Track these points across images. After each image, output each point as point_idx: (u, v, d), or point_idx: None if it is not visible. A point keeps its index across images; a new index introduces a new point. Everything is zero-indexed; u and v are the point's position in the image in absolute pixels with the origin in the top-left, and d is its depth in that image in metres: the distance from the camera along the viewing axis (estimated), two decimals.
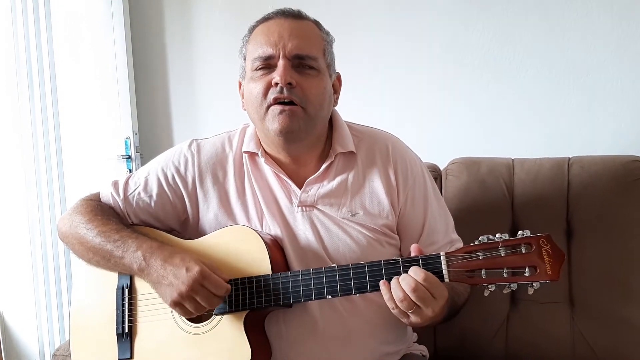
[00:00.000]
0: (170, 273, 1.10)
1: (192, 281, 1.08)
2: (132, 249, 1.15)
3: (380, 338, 1.23)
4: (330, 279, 1.08)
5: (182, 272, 1.09)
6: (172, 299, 1.10)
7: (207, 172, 1.26)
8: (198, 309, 1.11)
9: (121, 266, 1.18)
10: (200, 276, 1.08)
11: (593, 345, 1.44)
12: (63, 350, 1.48)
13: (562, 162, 1.54)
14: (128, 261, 1.15)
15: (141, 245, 1.15)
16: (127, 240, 1.17)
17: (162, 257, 1.13)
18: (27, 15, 2.00)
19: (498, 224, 1.50)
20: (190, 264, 1.09)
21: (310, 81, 1.16)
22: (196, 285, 1.08)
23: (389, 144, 1.26)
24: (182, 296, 1.09)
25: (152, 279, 1.13)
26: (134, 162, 2.16)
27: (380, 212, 1.21)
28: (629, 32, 1.70)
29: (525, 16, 1.80)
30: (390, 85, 1.96)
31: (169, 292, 1.10)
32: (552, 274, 0.95)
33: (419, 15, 1.91)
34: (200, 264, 1.10)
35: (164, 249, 1.15)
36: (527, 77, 1.81)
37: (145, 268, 1.13)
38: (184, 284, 1.08)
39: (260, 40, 1.17)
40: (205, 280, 1.08)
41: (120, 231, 1.19)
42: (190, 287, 1.08)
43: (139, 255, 1.14)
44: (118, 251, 1.17)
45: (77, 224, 1.23)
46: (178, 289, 1.09)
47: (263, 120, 1.17)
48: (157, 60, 2.24)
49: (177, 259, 1.11)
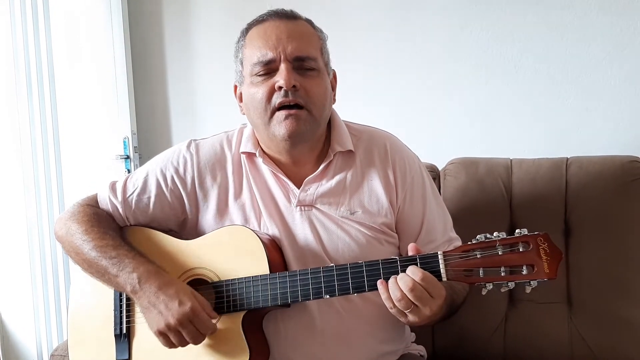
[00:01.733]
0: (162, 303, 1.09)
1: (182, 316, 1.07)
2: (128, 270, 1.14)
3: (379, 337, 1.23)
4: (328, 278, 1.08)
5: (174, 304, 1.08)
6: (158, 327, 1.10)
7: (206, 173, 1.25)
8: (181, 343, 1.10)
9: (115, 284, 1.17)
10: (191, 312, 1.08)
11: (591, 345, 1.44)
12: (61, 351, 1.47)
13: (560, 162, 1.54)
14: (122, 280, 1.14)
15: (138, 267, 1.14)
16: (124, 259, 1.15)
17: (157, 284, 1.11)
18: (25, 16, 2.00)
19: (496, 224, 1.50)
20: (184, 298, 1.09)
21: (312, 82, 1.16)
22: (185, 320, 1.08)
23: (387, 143, 1.26)
24: (169, 328, 1.09)
25: (143, 304, 1.12)
26: (132, 162, 2.16)
27: (379, 210, 1.21)
28: (627, 32, 1.71)
29: (523, 16, 1.80)
30: (388, 85, 1.96)
31: (156, 321, 1.10)
32: (550, 272, 0.96)
33: (417, 14, 1.91)
34: (193, 300, 1.09)
35: (160, 275, 1.14)
36: (525, 77, 1.82)
37: (138, 291, 1.12)
38: (173, 317, 1.08)
39: (259, 44, 1.16)
40: (195, 318, 1.08)
41: (118, 248, 1.17)
42: (179, 321, 1.08)
43: (134, 277, 1.13)
44: (113, 269, 1.15)
45: (74, 232, 1.22)
46: (166, 320, 1.08)
47: (268, 126, 1.16)
48: (156, 60, 2.24)
49: (172, 289, 1.11)
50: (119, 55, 2.14)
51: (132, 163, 2.16)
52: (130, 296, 1.16)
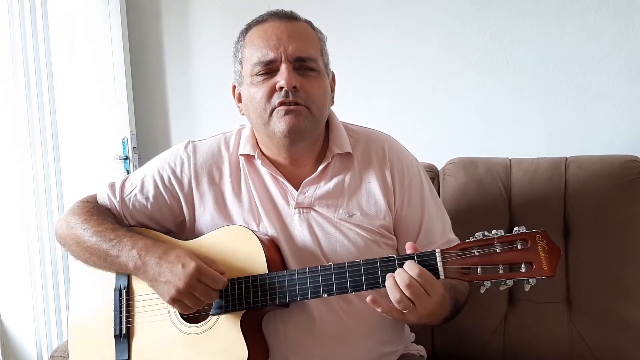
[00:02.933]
0: (167, 270, 1.10)
1: (189, 277, 1.08)
2: (127, 248, 1.15)
3: (378, 338, 1.23)
4: (326, 277, 1.08)
5: (178, 268, 1.09)
6: (170, 296, 1.10)
7: (203, 174, 1.26)
8: (197, 304, 1.11)
9: (117, 265, 1.18)
10: (196, 271, 1.08)
11: (590, 345, 1.43)
12: (61, 352, 1.47)
13: (559, 162, 1.54)
14: (124, 260, 1.15)
15: (136, 243, 1.15)
16: (122, 239, 1.17)
17: (157, 254, 1.13)
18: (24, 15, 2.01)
19: (495, 223, 1.48)
20: (186, 260, 1.10)
21: (312, 83, 1.16)
22: (193, 280, 1.08)
23: (385, 145, 1.26)
24: (180, 292, 1.09)
25: (149, 277, 1.13)
26: (131, 163, 2.16)
27: (377, 212, 1.21)
28: (626, 32, 1.71)
29: (522, 16, 1.80)
30: (387, 85, 1.96)
31: (166, 290, 1.10)
32: (549, 269, 0.95)
33: (416, 14, 1.91)
34: (196, 259, 1.10)
35: (159, 246, 1.15)
36: (524, 77, 1.82)
37: (141, 266, 1.13)
38: (181, 281, 1.08)
39: (259, 44, 1.16)
40: (202, 275, 1.09)
41: (116, 230, 1.19)
42: (188, 283, 1.08)
43: (134, 254, 1.14)
44: (114, 250, 1.17)
45: (74, 224, 1.23)
46: (175, 286, 1.08)
47: (267, 124, 1.16)
48: (155, 60, 2.25)
49: (172, 255, 1.11)
50: (117, 55, 2.15)
51: (131, 163, 2.16)
52: (135, 273, 1.17)
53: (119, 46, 2.14)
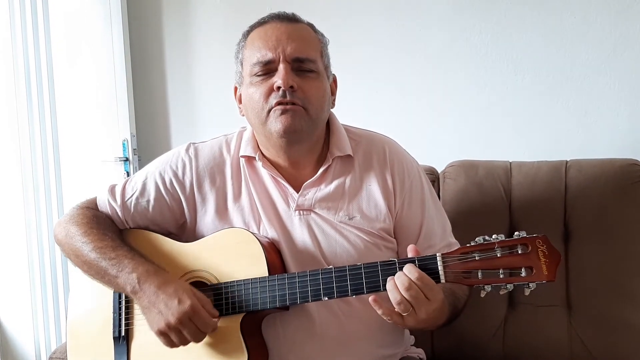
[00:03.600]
0: (162, 302, 1.09)
1: (182, 314, 1.07)
2: (128, 270, 1.14)
3: (378, 341, 1.22)
4: (326, 280, 1.08)
5: (174, 303, 1.08)
6: (158, 327, 1.09)
7: (205, 176, 1.25)
8: (182, 342, 1.10)
9: (114, 285, 1.17)
10: (191, 310, 1.07)
11: (590, 348, 1.43)
12: (59, 354, 1.47)
13: (559, 165, 1.54)
14: (122, 281, 1.14)
15: (137, 267, 1.14)
16: (123, 260, 1.15)
17: (157, 283, 1.11)
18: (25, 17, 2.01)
19: (496, 227, 1.49)
20: (183, 296, 1.08)
21: (311, 84, 1.16)
22: (185, 319, 1.07)
23: (385, 147, 1.26)
24: (169, 327, 1.08)
25: (143, 304, 1.12)
26: (131, 165, 2.16)
27: (377, 215, 1.21)
28: (627, 36, 1.71)
29: (522, 19, 1.80)
30: (387, 88, 1.96)
31: (156, 320, 1.09)
32: (549, 274, 0.95)
33: (417, 18, 1.91)
34: (193, 298, 1.09)
35: (160, 275, 1.14)
36: (524, 80, 1.82)
37: (138, 291, 1.12)
38: (173, 316, 1.07)
39: (259, 45, 1.17)
40: (195, 316, 1.08)
41: (117, 249, 1.18)
42: (179, 320, 1.07)
43: (134, 278, 1.13)
44: (113, 270, 1.15)
45: (73, 234, 1.22)
46: (166, 319, 1.08)
47: (265, 124, 1.16)
48: (155, 62, 2.25)
49: (170, 288, 1.10)
50: (118, 57, 2.15)
51: (132, 165, 2.16)
52: (131, 296, 1.16)
53: (120, 48, 2.14)
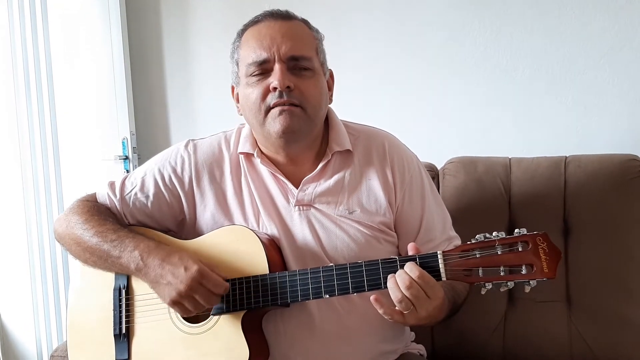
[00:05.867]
0: (169, 272, 1.10)
1: (190, 280, 1.08)
2: (130, 249, 1.15)
3: (378, 336, 1.23)
4: (327, 278, 1.08)
5: (180, 271, 1.09)
6: (170, 298, 1.10)
7: (204, 172, 1.25)
8: (197, 308, 1.11)
9: (118, 266, 1.17)
10: (199, 275, 1.08)
11: (590, 344, 1.44)
12: (61, 352, 1.47)
13: (559, 161, 1.54)
14: (125, 261, 1.15)
15: (138, 244, 1.15)
16: (124, 240, 1.17)
17: (160, 256, 1.12)
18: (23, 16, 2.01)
19: (495, 223, 1.50)
20: (188, 263, 1.09)
21: (308, 82, 1.16)
22: (195, 284, 1.08)
23: (385, 142, 1.26)
24: (181, 295, 1.09)
25: (150, 279, 1.13)
26: (131, 163, 2.16)
27: (377, 209, 1.21)
28: (625, 31, 1.71)
29: (522, 15, 1.80)
30: (387, 84, 1.96)
31: (167, 291, 1.10)
32: (549, 271, 0.95)
33: (416, 13, 1.91)
34: (199, 263, 1.10)
35: (162, 248, 1.15)
36: (523, 76, 1.82)
37: (142, 267, 1.13)
38: (182, 283, 1.08)
39: (253, 45, 1.17)
40: (204, 279, 1.08)
41: (118, 231, 1.19)
42: (189, 286, 1.08)
43: (137, 255, 1.14)
44: (115, 251, 1.16)
45: (74, 224, 1.23)
46: (177, 288, 1.08)
47: (263, 125, 1.16)
48: (155, 60, 2.24)
49: (175, 257, 1.11)
50: (117, 55, 2.14)
51: (131, 164, 2.16)
52: (136, 275, 1.16)
53: (119, 46, 2.14)
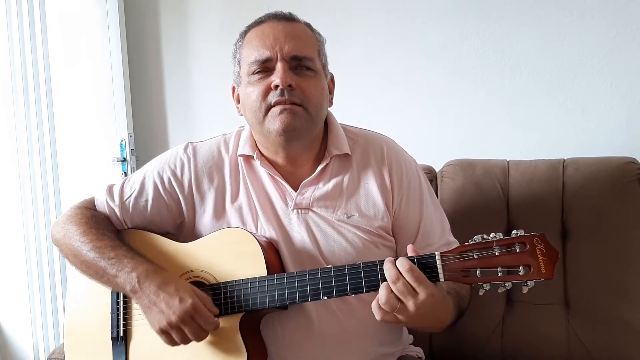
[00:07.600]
0: (163, 301, 1.09)
1: (183, 313, 1.07)
2: (127, 269, 1.14)
3: (376, 339, 1.23)
4: (325, 279, 1.08)
5: (175, 301, 1.08)
6: (160, 326, 1.09)
7: (204, 175, 1.25)
8: (183, 341, 1.10)
9: (114, 284, 1.16)
10: (192, 309, 1.08)
11: (588, 346, 1.44)
12: (58, 354, 1.46)
13: (557, 164, 1.54)
14: (121, 281, 1.14)
15: (137, 267, 1.14)
16: (122, 259, 1.15)
17: (157, 282, 1.11)
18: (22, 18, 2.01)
19: (493, 225, 1.50)
20: (184, 295, 1.09)
21: (309, 82, 1.16)
22: (187, 317, 1.07)
23: (383, 146, 1.26)
24: (170, 325, 1.08)
25: (144, 303, 1.12)
26: (129, 165, 2.16)
27: (375, 214, 1.21)
28: (623, 34, 1.72)
29: (520, 19, 1.81)
30: (385, 87, 1.97)
31: (158, 319, 1.10)
32: (547, 272, 0.95)
33: (414, 17, 1.92)
34: (194, 297, 1.09)
35: (159, 274, 1.13)
36: (521, 79, 1.82)
37: (138, 290, 1.12)
38: (174, 314, 1.07)
39: (256, 44, 1.17)
40: (196, 314, 1.08)
41: (116, 248, 1.17)
42: (181, 319, 1.07)
43: (134, 277, 1.12)
44: (112, 269, 1.15)
45: (71, 235, 1.22)
46: (168, 318, 1.08)
47: (263, 123, 1.16)
48: (153, 62, 2.25)
49: (171, 287, 1.10)
50: (115, 57, 2.15)
51: (129, 166, 2.16)
52: (130, 296, 1.16)
53: (117, 48, 2.14)
